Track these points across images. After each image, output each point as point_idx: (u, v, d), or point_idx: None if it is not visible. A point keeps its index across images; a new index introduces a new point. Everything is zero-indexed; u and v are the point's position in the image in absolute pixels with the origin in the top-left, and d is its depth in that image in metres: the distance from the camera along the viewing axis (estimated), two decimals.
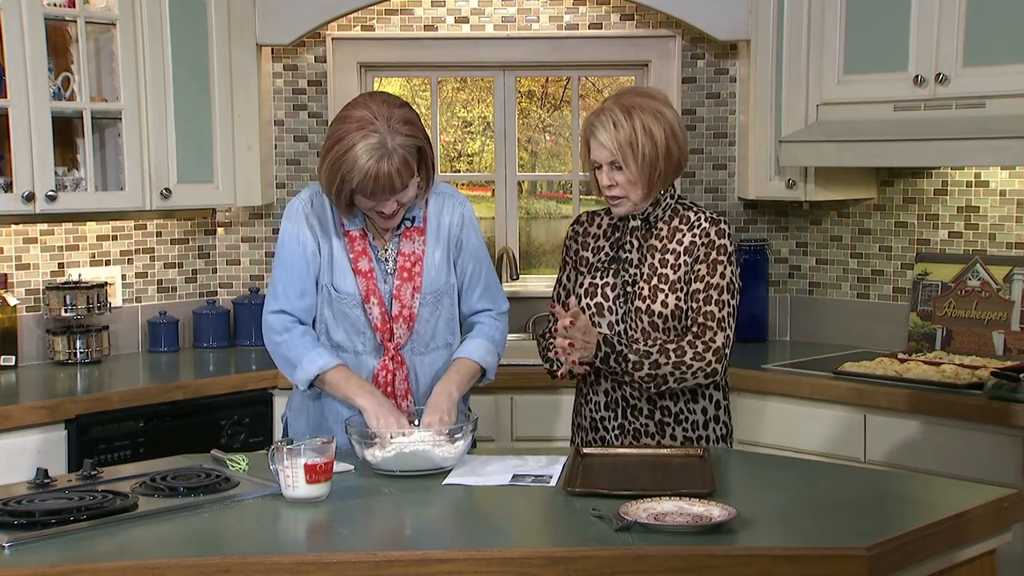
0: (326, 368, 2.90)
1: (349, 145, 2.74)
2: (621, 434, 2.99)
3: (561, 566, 2.12)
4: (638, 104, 2.87)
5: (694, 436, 2.99)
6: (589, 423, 3.06)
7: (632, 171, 2.86)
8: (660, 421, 2.98)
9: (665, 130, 2.86)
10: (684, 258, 2.93)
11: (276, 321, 2.95)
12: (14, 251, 4.20)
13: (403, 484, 2.60)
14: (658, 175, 2.88)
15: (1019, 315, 4.04)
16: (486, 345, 3.01)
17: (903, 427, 3.66)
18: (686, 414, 2.99)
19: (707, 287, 2.91)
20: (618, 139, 2.84)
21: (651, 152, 2.84)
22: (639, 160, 2.84)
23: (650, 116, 2.85)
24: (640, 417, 2.98)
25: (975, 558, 2.37)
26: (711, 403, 3.02)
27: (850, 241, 4.57)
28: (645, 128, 2.84)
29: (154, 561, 2.12)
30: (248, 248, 4.77)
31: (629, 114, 2.85)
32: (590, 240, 3.07)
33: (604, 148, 2.87)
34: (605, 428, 3.02)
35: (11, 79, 3.82)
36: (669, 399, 2.97)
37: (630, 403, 2.98)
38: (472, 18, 4.72)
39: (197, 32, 4.26)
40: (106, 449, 3.67)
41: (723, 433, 3.05)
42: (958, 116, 3.75)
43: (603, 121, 2.87)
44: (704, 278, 2.91)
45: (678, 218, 2.97)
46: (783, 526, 2.32)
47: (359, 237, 2.94)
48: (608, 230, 3.06)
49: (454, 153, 5.39)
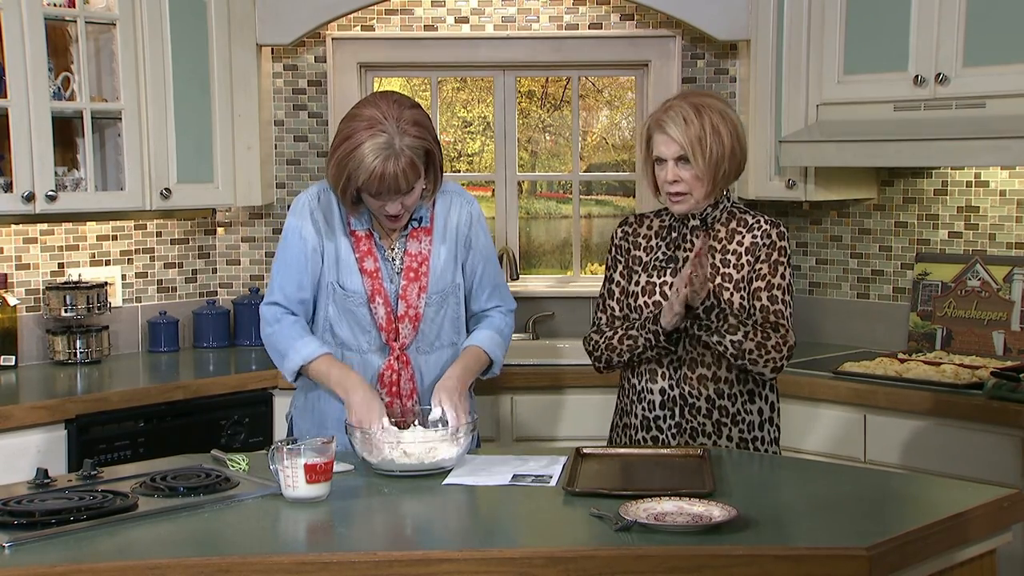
0: (310, 358, 2.89)
1: (357, 143, 2.74)
2: (678, 433, 2.98)
3: (561, 566, 2.12)
4: (707, 104, 2.91)
5: (749, 437, 3.00)
6: (641, 421, 3.03)
7: (700, 167, 2.88)
8: (718, 421, 2.97)
9: (731, 131, 2.91)
10: (747, 258, 2.95)
11: (269, 312, 2.96)
12: (14, 251, 4.20)
13: (403, 484, 2.60)
14: (722, 174, 2.91)
15: (1019, 315, 4.04)
16: (495, 337, 3.02)
17: (903, 427, 3.66)
18: (743, 415, 2.99)
19: (770, 287, 2.93)
20: (688, 135, 2.87)
21: (718, 150, 2.88)
22: (707, 157, 2.88)
23: (718, 116, 2.90)
24: (698, 416, 2.97)
25: (975, 558, 2.37)
26: (767, 404, 3.03)
27: (850, 241, 4.57)
28: (714, 126, 2.88)
29: (154, 561, 2.12)
30: (248, 248, 4.77)
31: (699, 112, 2.89)
32: (641, 240, 3.06)
33: (674, 142, 2.89)
34: (659, 427, 3.00)
35: (11, 79, 3.82)
36: (728, 399, 2.97)
37: (688, 402, 2.97)
38: (472, 18, 4.72)
39: (197, 32, 4.26)
40: (106, 449, 3.67)
41: (775, 436, 3.06)
42: (958, 116, 3.75)
43: (673, 116, 2.90)
44: (766, 277, 2.93)
45: (735, 220, 2.99)
46: (783, 526, 2.32)
47: (365, 237, 2.94)
48: (661, 231, 3.05)
49: (454, 153, 5.39)
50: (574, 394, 4.09)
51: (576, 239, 4.94)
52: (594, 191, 5.36)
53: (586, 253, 5.07)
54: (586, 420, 4.00)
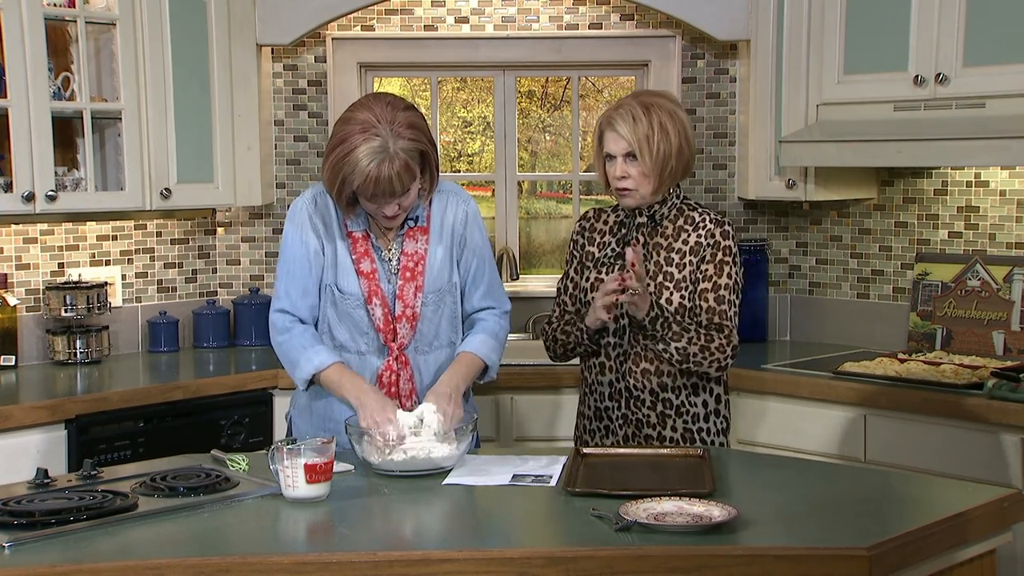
0: (322, 367, 2.90)
1: (351, 148, 2.74)
2: (625, 424, 3.06)
3: (561, 566, 2.12)
4: (656, 103, 3.01)
5: (694, 428, 3.07)
6: (593, 412, 3.14)
7: (647, 164, 2.97)
8: (661, 413, 3.05)
9: (679, 130, 3.00)
10: (689, 257, 3.03)
11: (279, 320, 2.97)
12: (14, 251, 4.20)
13: (403, 484, 2.60)
14: (669, 171, 3.00)
15: (1019, 315, 4.03)
16: (489, 341, 3.01)
17: (903, 427, 3.66)
18: (687, 407, 3.06)
19: (715, 287, 3.01)
20: (636, 132, 2.97)
21: (665, 148, 2.97)
22: (654, 154, 2.96)
23: (666, 115, 3.00)
24: (642, 408, 3.05)
25: (975, 558, 2.37)
26: (711, 396, 3.10)
27: (850, 241, 4.57)
28: (662, 125, 2.98)
29: (154, 561, 2.13)
30: (248, 248, 4.77)
31: (648, 110, 2.99)
32: (596, 236, 3.16)
33: (622, 139, 2.98)
34: (609, 417, 3.09)
35: (11, 79, 3.82)
36: (671, 392, 3.04)
37: (633, 394, 3.05)
38: (472, 18, 4.72)
39: (197, 32, 4.26)
40: (106, 449, 3.67)
41: (723, 427, 3.13)
42: (958, 116, 3.75)
43: (622, 114, 3.00)
44: (712, 278, 3.01)
45: (683, 218, 3.07)
46: (783, 526, 2.32)
47: (362, 238, 2.94)
48: (614, 226, 3.14)
49: (454, 153, 5.39)
50: (574, 394, 4.06)
51: None
52: (594, 191, 5.35)
53: None
54: None
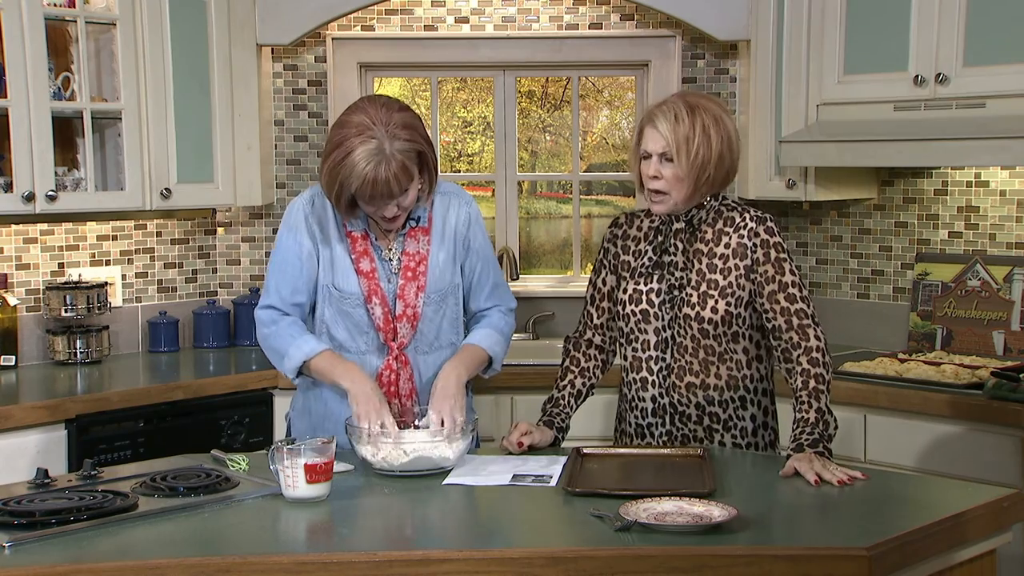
0: (312, 354, 2.89)
1: (347, 151, 2.74)
2: (670, 440, 2.93)
3: (561, 566, 2.11)
4: (702, 105, 2.82)
5: (743, 443, 2.93)
6: (635, 429, 2.99)
7: (682, 167, 2.78)
8: (709, 427, 2.91)
9: (723, 137, 2.80)
10: (734, 261, 2.85)
11: (265, 315, 2.97)
12: (14, 251, 4.20)
13: (403, 484, 2.60)
14: (706, 178, 2.81)
15: (1019, 315, 4.04)
16: (494, 335, 3.01)
17: (903, 427, 3.66)
18: (735, 421, 2.92)
19: (783, 286, 2.82)
20: (676, 132, 2.78)
21: (704, 154, 2.78)
22: (691, 158, 2.78)
23: (711, 119, 2.80)
24: (688, 423, 2.91)
25: (975, 558, 2.37)
26: (760, 410, 2.96)
27: (850, 241, 4.57)
28: (704, 128, 2.78)
29: (154, 561, 2.12)
30: (248, 248, 4.77)
31: (692, 111, 2.79)
32: (630, 243, 2.98)
33: (661, 137, 2.79)
34: (652, 435, 2.95)
35: (11, 79, 3.82)
36: (718, 406, 2.90)
37: (678, 410, 2.91)
38: (472, 18, 4.72)
39: (197, 32, 4.26)
40: (106, 449, 3.67)
41: (771, 439, 2.99)
42: (958, 116, 3.74)
43: (664, 112, 2.81)
44: (775, 278, 2.83)
45: (722, 220, 2.88)
46: (783, 526, 2.32)
47: (361, 238, 2.94)
48: (649, 233, 2.96)
49: (454, 153, 5.40)
50: None
51: (576, 239, 4.94)
52: (594, 191, 5.36)
53: (586, 253, 5.07)
54: (586, 420, 3.99)
